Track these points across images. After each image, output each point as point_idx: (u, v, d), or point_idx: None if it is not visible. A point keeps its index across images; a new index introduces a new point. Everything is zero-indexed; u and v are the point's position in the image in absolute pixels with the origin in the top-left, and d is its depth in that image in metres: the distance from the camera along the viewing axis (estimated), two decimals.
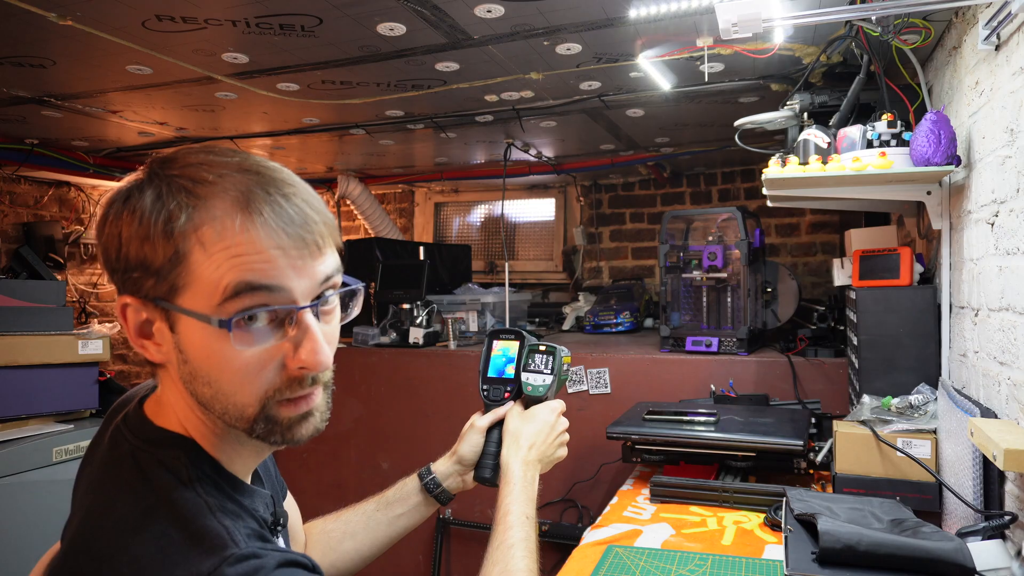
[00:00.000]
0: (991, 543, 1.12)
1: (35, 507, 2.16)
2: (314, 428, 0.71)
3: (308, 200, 0.68)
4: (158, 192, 0.64)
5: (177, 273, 0.63)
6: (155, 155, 0.74)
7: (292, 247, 0.65)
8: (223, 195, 0.63)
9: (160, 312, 0.66)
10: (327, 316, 0.71)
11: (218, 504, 0.66)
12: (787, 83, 2.44)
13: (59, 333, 2.43)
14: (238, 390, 0.66)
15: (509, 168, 4.06)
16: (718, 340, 2.62)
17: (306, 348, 0.66)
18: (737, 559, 1.35)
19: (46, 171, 3.87)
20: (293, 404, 0.68)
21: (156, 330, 0.67)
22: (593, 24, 1.97)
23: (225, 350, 0.64)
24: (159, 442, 0.70)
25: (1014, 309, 1.20)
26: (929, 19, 1.60)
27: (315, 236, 0.67)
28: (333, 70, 2.36)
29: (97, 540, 0.63)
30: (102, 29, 1.96)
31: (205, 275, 0.62)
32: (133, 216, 0.64)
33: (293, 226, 0.65)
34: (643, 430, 1.87)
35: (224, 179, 0.64)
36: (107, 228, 0.66)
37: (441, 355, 3.06)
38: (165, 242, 0.63)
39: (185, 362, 0.66)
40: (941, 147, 1.47)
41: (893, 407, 1.58)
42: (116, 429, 0.73)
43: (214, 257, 0.62)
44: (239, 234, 0.62)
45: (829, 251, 4.08)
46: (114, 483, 0.67)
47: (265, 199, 0.64)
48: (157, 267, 0.63)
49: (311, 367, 0.66)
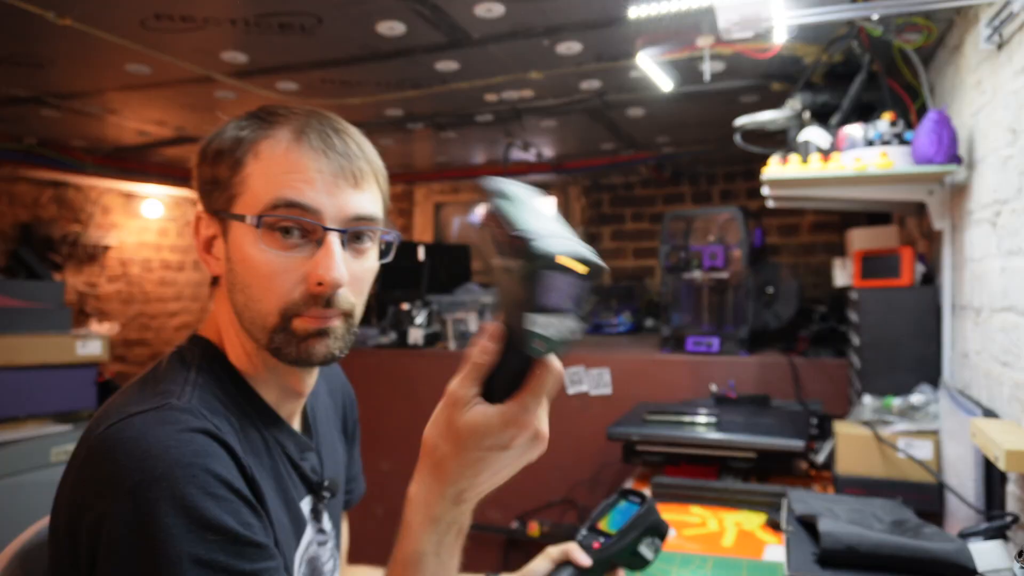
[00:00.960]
0: (992, 544, 1.12)
1: (33, 507, 2.15)
2: (328, 350, 0.75)
3: (356, 140, 0.77)
4: (239, 123, 0.76)
5: (235, 183, 0.73)
6: None
7: (330, 172, 0.73)
8: (285, 125, 0.74)
9: (219, 225, 0.76)
10: (360, 254, 0.77)
11: (202, 382, 0.73)
12: (788, 83, 2.44)
13: (57, 333, 2.43)
14: (263, 296, 0.73)
15: (509, 168, 4.06)
16: (719, 340, 2.62)
17: (323, 264, 0.71)
18: (738, 560, 1.34)
19: (44, 171, 3.87)
20: (310, 319, 0.73)
21: (216, 244, 0.77)
22: (593, 23, 1.97)
23: (257, 253, 0.72)
24: (190, 341, 0.80)
25: (1016, 309, 1.20)
26: (931, 18, 1.60)
27: (354, 167, 0.74)
28: (333, 70, 2.36)
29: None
30: (101, 28, 1.96)
31: (255, 186, 0.72)
32: (217, 139, 0.76)
33: (334, 153, 0.73)
34: (644, 431, 1.87)
35: (291, 115, 0.75)
36: (200, 151, 0.77)
37: (441, 355, 3.05)
38: (231, 156, 0.74)
39: (231, 270, 0.75)
40: (943, 147, 1.47)
41: (894, 408, 1.58)
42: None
43: (264, 169, 0.72)
44: (287, 152, 0.72)
45: (830, 251, 4.07)
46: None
47: (317, 129, 0.74)
48: (223, 179, 0.74)
49: (326, 282, 0.71)
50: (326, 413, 0.98)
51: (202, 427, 0.66)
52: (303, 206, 0.71)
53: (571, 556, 0.89)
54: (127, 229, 4.80)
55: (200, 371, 0.75)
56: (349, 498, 1.04)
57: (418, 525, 0.65)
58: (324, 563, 0.86)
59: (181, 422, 0.65)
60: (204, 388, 0.73)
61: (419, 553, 0.65)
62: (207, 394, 0.72)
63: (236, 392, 0.77)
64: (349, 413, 1.06)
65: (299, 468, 0.82)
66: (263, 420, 0.78)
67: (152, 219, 4.99)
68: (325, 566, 0.86)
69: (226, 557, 0.62)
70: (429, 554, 0.65)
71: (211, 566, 0.61)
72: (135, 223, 4.87)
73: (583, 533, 0.94)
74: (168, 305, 5.14)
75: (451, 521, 0.65)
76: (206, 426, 0.66)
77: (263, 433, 0.77)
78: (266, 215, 0.71)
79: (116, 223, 4.70)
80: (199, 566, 0.60)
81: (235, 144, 0.74)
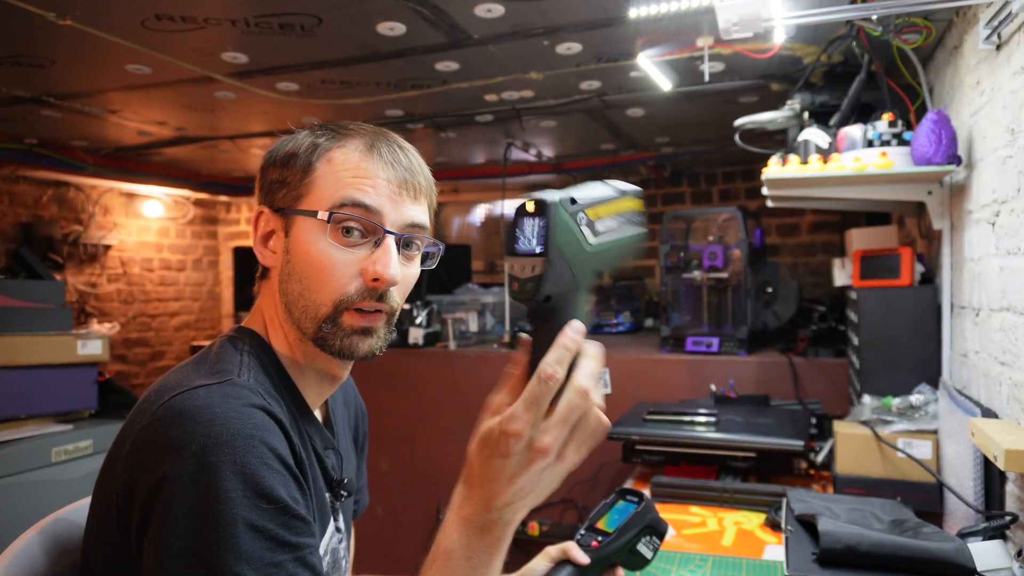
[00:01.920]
0: (992, 543, 1.12)
1: (34, 507, 2.16)
2: (370, 348, 0.81)
3: (418, 159, 0.85)
4: (312, 132, 0.84)
5: (304, 183, 0.80)
6: None
7: (395, 182, 0.81)
8: (356, 137, 0.82)
9: (281, 221, 0.82)
10: (409, 259, 0.84)
11: (254, 366, 0.78)
12: (787, 83, 2.44)
13: (58, 333, 2.43)
14: (321, 287, 0.78)
15: (509, 168, 4.06)
16: (718, 340, 2.62)
17: (381, 261, 0.78)
18: (737, 560, 1.34)
19: (45, 171, 3.87)
20: (359, 315, 0.79)
21: (274, 238, 0.83)
22: (593, 24, 1.97)
23: (321, 246, 0.78)
24: (236, 331, 0.85)
25: (1015, 309, 1.20)
26: (930, 19, 1.60)
27: (415, 182, 0.83)
28: (333, 70, 2.36)
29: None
30: (101, 29, 1.96)
31: (325, 187, 0.79)
32: (290, 145, 0.83)
33: (400, 167, 0.81)
34: (643, 430, 1.87)
35: (360, 130, 0.84)
36: (270, 155, 0.84)
37: (441, 355, 3.05)
38: (305, 160, 0.81)
39: (288, 262, 0.81)
40: (942, 147, 1.47)
41: (894, 407, 1.58)
42: None
43: (335, 172, 0.80)
44: (359, 160, 0.80)
45: (830, 251, 4.07)
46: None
47: (386, 144, 0.82)
48: (292, 180, 0.81)
49: (382, 279, 0.78)
50: (343, 420, 1.02)
51: (261, 404, 0.71)
52: (368, 207, 0.78)
53: (569, 554, 0.89)
54: (128, 229, 4.80)
55: (251, 355, 0.80)
56: (356, 508, 1.07)
57: (449, 523, 0.68)
58: (341, 560, 0.90)
59: (244, 397, 0.70)
60: (257, 371, 0.78)
61: (448, 551, 0.67)
62: (261, 376, 0.78)
63: (278, 379, 0.82)
64: (360, 425, 1.10)
65: (323, 462, 0.86)
66: (298, 410, 0.83)
67: (152, 219, 5.00)
68: (343, 561, 0.90)
69: (276, 527, 0.65)
70: (458, 554, 0.67)
71: (262, 532, 0.64)
72: (136, 223, 4.87)
73: (581, 532, 0.94)
74: (168, 305, 5.14)
75: (481, 525, 0.67)
76: (265, 404, 0.71)
77: (298, 421, 0.82)
78: (335, 211, 0.78)
79: (117, 223, 4.70)
80: (252, 530, 0.64)
81: (310, 149, 0.81)
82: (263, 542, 0.64)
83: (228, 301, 5.48)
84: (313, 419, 0.86)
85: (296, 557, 0.66)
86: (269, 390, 0.76)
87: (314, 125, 0.85)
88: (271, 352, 0.83)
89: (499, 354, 2.99)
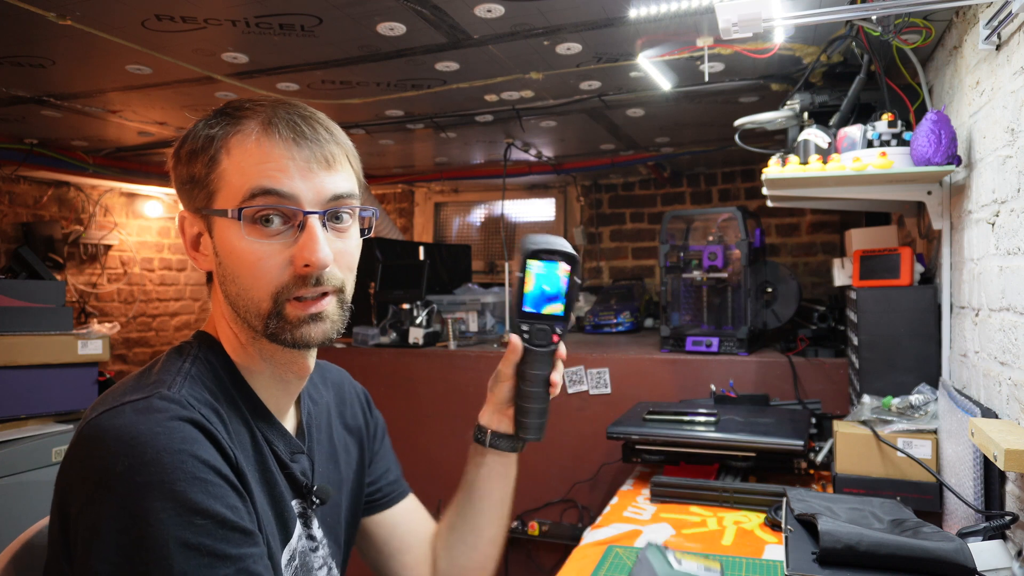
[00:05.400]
0: (992, 543, 1.12)
1: (34, 507, 2.16)
2: (324, 333, 0.77)
3: (324, 124, 0.79)
4: (207, 120, 0.78)
5: (212, 180, 0.75)
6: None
7: (302, 157, 0.75)
8: (254, 117, 0.76)
9: (203, 222, 0.78)
10: (341, 232, 0.79)
11: (196, 373, 0.75)
12: (787, 83, 2.44)
13: (58, 333, 2.43)
14: (254, 284, 0.75)
15: (509, 168, 4.06)
16: (718, 340, 2.62)
17: (307, 246, 0.74)
18: (737, 559, 1.35)
19: (45, 171, 3.86)
20: (301, 304, 0.76)
21: (203, 241, 0.79)
22: (593, 24, 1.97)
23: (243, 244, 0.74)
24: (194, 336, 0.82)
25: (1015, 309, 1.20)
26: (929, 19, 1.60)
27: (325, 151, 0.76)
28: (333, 70, 2.36)
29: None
30: (102, 29, 1.96)
31: (231, 180, 0.74)
32: (190, 140, 0.78)
33: (304, 140, 0.75)
34: (643, 430, 1.87)
35: (257, 107, 0.77)
36: (175, 152, 0.79)
37: (441, 355, 3.06)
38: (204, 154, 0.76)
39: (220, 264, 0.77)
40: (941, 147, 1.47)
41: (893, 407, 1.58)
42: None
43: (237, 163, 0.74)
44: (258, 144, 0.74)
45: (829, 251, 4.08)
46: None
47: (285, 118, 0.76)
48: (200, 177, 0.76)
49: (311, 263, 0.74)
50: (327, 421, 0.97)
51: (189, 416, 0.68)
52: (280, 193, 0.73)
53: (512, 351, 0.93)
54: (128, 229, 4.80)
55: (195, 362, 0.77)
56: (384, 499, 1.05)
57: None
58: (315, 570, 0.86)
59: (169, 411, 0.67)
60: (196, 379, 0.75)
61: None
62: (198, 385, 0.74)
63: (230, 384, 0.79)
64: (356, 415, 1.05)
65: (287, 468, 0.82)
66: (254, 415, 0.79)
67: (153, 219, 5.00)
68: (316, 572, 0.86)
69: (213, 541, 0.63)
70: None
71: (198, 549, 0.62)
72: (136, 223, 4.87)
73: (525, 328, 0.93)
74: (169, 305, 5.15)
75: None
76: (193, 415, 0.68)
77: (252, 427, 0.79)
78: (245, 206, 0.73)
79: (117, 223, 4.70)
80: (186, 549, 0.62)
81: (207, 142, 0.76)
82: (200, 559, 0.62)
83: None
84: (275, 423, 0.82)
85: (239, 569, 0.64)
86: (205, 399, 0.73)
87: (211, 111, 0.79)
88: (221, 355, 0.80)
89: (499, 354, 2.99)
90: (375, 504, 1.05)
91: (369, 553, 1.07)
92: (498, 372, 0.96)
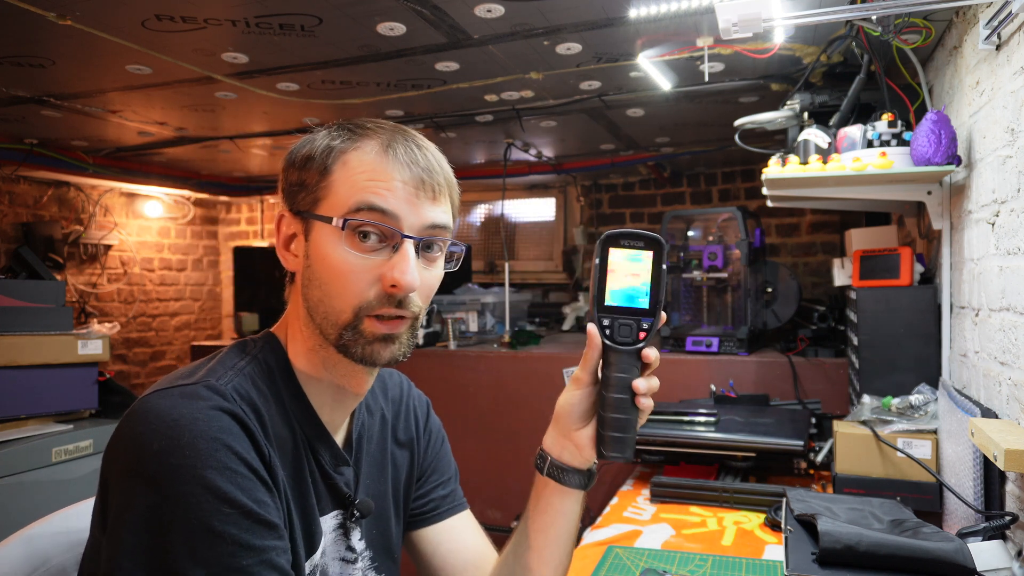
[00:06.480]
0: (992, 543, 1.12)
1: (34, 507, 2.16)
2: (392, 354, 0.79)
3: (437, 157, 0.83)
4: (329, 132, 0.81)
5: (321, 187, 0.78)
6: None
7: (412, 183, 0.78)
8: (373, 137, 0.79)
9: (301, 224, 0.80)
10: (430, 262, 0.82)
11: (249, 371, 0.77)
12: (787, 83, 2.44)
13: (58, 333, 2.43)
14: (340, 293, 0.77)
15: (509, 168, 4.06)
16: (718, 340, 2.62)
17: (398, 267, 0.76)
18: (737, 559, 1.35)
19: (45, 171, 3.87)
20: (380, 322, 0.77)
21: (296, 242, 0.82)
22: (593, 24, 1.97)
23: (338, 252, 0.76)
24: (262, 335, 0.85)
25: (1015, 309, 1.20)
26: (929, 19, 1.60)
27: (433, 182, 0.80)
28: (333, 70, 2.36)
29: None
30: (102, 29, 1.96)
31: (341, 191, 0.77)
32: (307, 147, 0.81)
33: (417, 167, 0.78)
34: (643, 430, 1.87)
35: (378, 129, 0.81)
36: (289, 156, 0.83)
37: (441, 355, 3.06)
38: (321, 163, 0.79)
39: (308, 267, 0.79)
40: (941, 147, 1.47)
41: (893, 407, 1.58)
42: None
43: (350, 176, 0.77)
44: (375, 162, 0.77)
45: (829, 251, 4.07)
46: None
47: (403, 144, 0.79)
48: (310, 183, 0.79)
49: (399, 284, 0.76)
50: (380, 433, 0.96)
51: (229, 408, 0.70)
52: (384, 211, 0.76)
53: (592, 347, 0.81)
54: (128, 229, 4.80)
55: (252, 361, 0.79)
56: (441, 510, 1.02)
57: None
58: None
59: (212, 400, 0.70)
60: (248, 377, 0.77)
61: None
62: (248, 382, 0.76)
63: (283, 388, 0.80)
64: (418, 427, 1.03)
65: (330, 479, 0.83)
66: (302, 422, 0.81)
67: (153, 219, 5.00)
68: None
69: (238, 531, 0.65)
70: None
71: (223, 537, 0.64)
72: (136, 223, 4.87)
73: (606, 323, 0.81)
74: (169, 305, 5.15)
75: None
76: (233, 408, 0.70)
77: (297, 434, 0.80)
78: (350, 217, 0.76)
79: (117, 223, 4.70)
80: (212, 535, 0.64)
81: (326, 151, 0.79)
82: (225, 547, 0.64)
83: (228, 301, 5.48)
84: (323, 433, 0.83)
85: (262, 560, 0.66)
86: (250, 396, 0.74)
87: (332, 124, 0.83)
88: (283, 358, 0.82)
89: (499, 354, 2.99)
90: (419, 518, 1.02)
91: (418, 569, 1.04)
92: (572, 378, 0.86)
